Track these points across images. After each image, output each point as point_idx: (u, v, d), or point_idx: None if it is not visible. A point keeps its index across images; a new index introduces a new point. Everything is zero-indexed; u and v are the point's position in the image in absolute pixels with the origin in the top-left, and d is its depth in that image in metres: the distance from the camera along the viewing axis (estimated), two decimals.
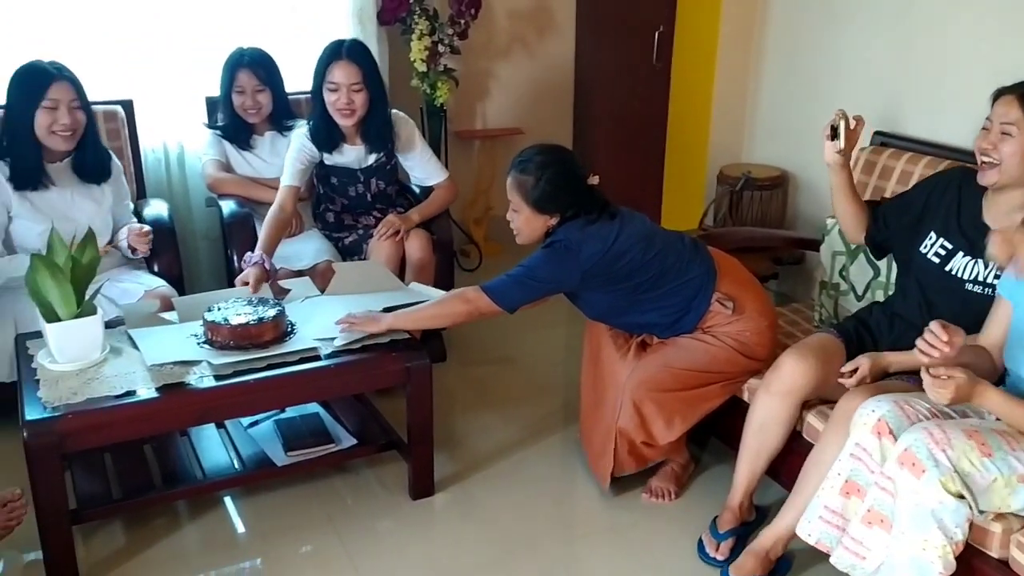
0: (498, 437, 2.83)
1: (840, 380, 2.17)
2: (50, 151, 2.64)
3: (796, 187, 3.79)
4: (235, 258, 2.95)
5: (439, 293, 2.61)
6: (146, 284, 2.71)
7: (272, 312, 2.33)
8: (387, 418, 2.66)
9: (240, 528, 2.38)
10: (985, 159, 2.12)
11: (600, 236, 2.31)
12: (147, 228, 2.70)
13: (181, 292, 2.84)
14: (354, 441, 2.51)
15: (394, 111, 3.14)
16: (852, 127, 2.36)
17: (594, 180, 2.39)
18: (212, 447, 2.49)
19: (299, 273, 2.94)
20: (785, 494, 2.20)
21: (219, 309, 2.33)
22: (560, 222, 2.36)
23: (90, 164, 2.72)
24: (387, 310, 2.45)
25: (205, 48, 3.51)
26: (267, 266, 2.67)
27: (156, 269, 2.90)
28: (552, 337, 3.64)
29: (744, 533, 2.30)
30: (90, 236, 2.27)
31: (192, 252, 3.64)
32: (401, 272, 2.98)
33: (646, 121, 4.21)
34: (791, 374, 2.22)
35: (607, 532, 2.40)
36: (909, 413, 1.91)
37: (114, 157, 2.84)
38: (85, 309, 2.19)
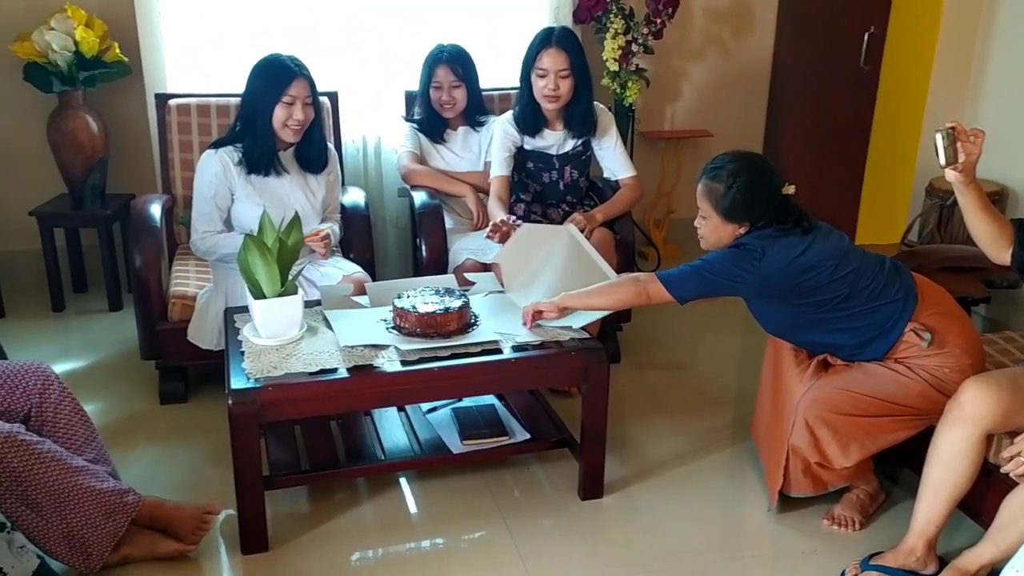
0: (669, 444, 2.77)
1: (1002, 469, 2.00)
2: (279, 140, 2.79)
3: (1018, 204, 3.48)
4: (423, 246, 3.05)
5: (599, 258, 2.62)
6: (344, 269, 2.85)
7: (457, 303, 2.38)
8: (557, 414, 2.66)
9: (414, 509, 2.46)
10: None
11: (788, 246, 2.22)
12: (325, 232, 2.80)
13: (372, 276, 2.97)
14: (527, 436, 2.53)
15: (596, 104, 3.18)
16: (969, 141, 2.07)
17: (789, 190, 2.29)
18: (393, 429, 2.58)
19: (485, 267, 3.01)
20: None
21: (408, 296, 2.41)
22: (749, 231, 2.28)
23: (312, 155, 2.85)
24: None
25: (407, 44, 3.66)
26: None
27: (351, 255, 3.04)
28: (728, 346, 3.53)
29: None
30: (296, 220, 2.40)
31: (382, 239, 3.81)
32: None
33: (847, 127, 3.99)
34: (973, 401, 2.03)
35: (779, 555, 2.29)
36: None
37: (332, 148, 2.97)
38: (288, 288, 2.32)
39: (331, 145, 2.98)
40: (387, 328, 2.38)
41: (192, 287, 2.92)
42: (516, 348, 2.33)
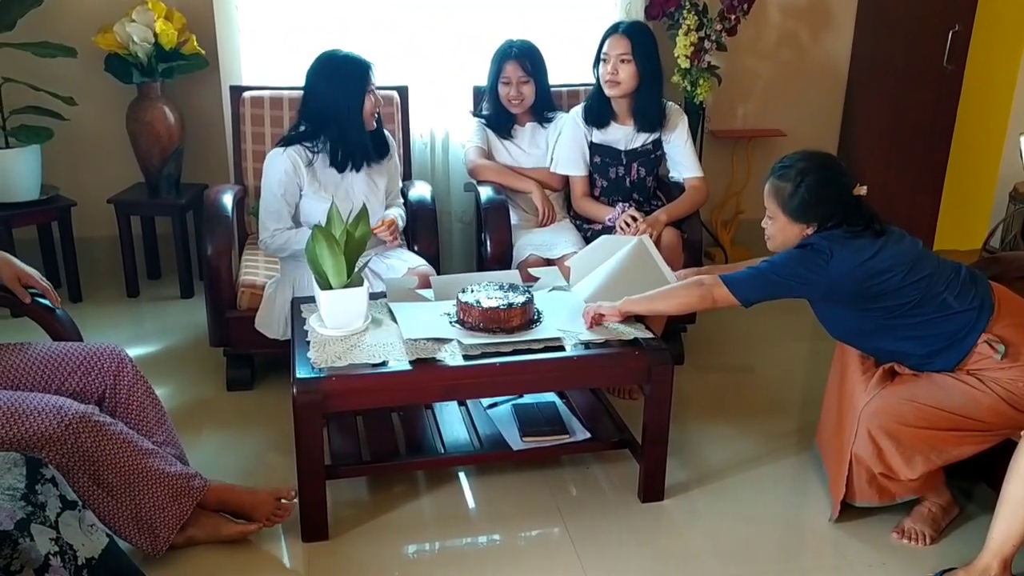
0: (731, 449, 2.72)
1: None
2: None
3: None
4: (488, 241, 3.05)
5: (666, 268, 2.62)
6: (409, 262, 2.86)
7: (521, 299, 2.37)
8: (618, 414, 2.63)
9: (472, 504, 2.45)
10: None
11: (857, 248, 2.16)
12: (389, 219, 2.84)
13: (437, 270, 2.98)
14: (588, 435, 2.50)
15: (669, 103, 3.19)
16: None
17: (861, 191, 2.23)
18: (453, 423, 2.59)
19: (549, 263, 2.99)
20: None
21: (472, 291, 2.41)
22: (817, 232, 2.23)
23: (376, 142, 2.88)
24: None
25: (476, 39, 3.66)
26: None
27: (417, 248, 3.06)
28: (795, 351, 3.45)
29: None
30: (364, 213, 2.42)
31: (446, 233, 3.82)
32: None
33: (928, 129, 3.86)
34: None
35: (843, 567, 2.22)
36: None
37: (390, 137, 3.00)
38: (354, 280, 2.34)
39: (386, 131, 2.99)
40: (450, 322, 2.38)
41: (261, 276, 2.97)
42: (579, 346, 2.31)
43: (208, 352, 3.12)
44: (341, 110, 2.73)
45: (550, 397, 2.69)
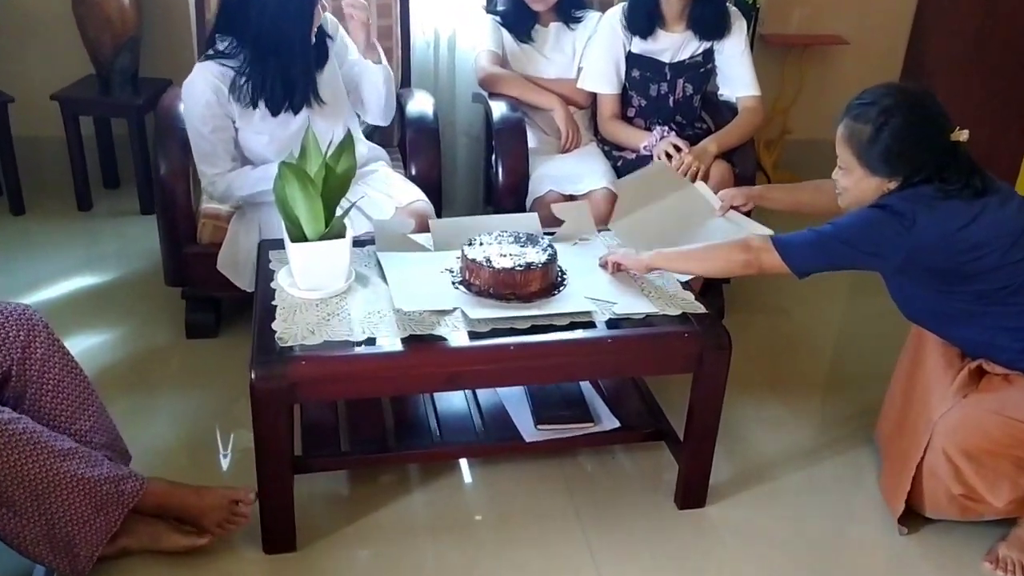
0: (786, 437, 2.29)
1: None
2: None
3: None
4: (500, 169, 2.54)
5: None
6: (397, 199, 2.34)
7: (543, 258, 1.89)
8: (654, 396, 2.20)
9: (474, 503, 2.04)
10: None
11: (948, 213, 1.72)
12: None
13: (438, 197, 2.50)
14: (616, 423, 2.07)
15: (728, 4, 2.67)
16: None
17: (960, 136, 1.76)
18: (453, 402, 2.13)
19: (572, 199, 2.50)
20: None
21: (481, 244, 1.93)
22: (901, 187, 1.77)
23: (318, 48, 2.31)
24: None
25: None
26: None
27: (415, 171, 2.55)
28: (858, 309, 2.98)
29: None
30: (347, 141, 1.91)
31: (449, 148, 3.29)
32: None
33: (1020, 46, 3.29)
34: None
35: None
36: None
37: (328, 18, 2.36)
38: (334, 229, 1.85)
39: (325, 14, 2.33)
40: (453, 282, 1.91)
41: (226, 206, 2.46)
42: (613, 323, 1.84)
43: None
44: (285, 33, 2.14)
45: None
